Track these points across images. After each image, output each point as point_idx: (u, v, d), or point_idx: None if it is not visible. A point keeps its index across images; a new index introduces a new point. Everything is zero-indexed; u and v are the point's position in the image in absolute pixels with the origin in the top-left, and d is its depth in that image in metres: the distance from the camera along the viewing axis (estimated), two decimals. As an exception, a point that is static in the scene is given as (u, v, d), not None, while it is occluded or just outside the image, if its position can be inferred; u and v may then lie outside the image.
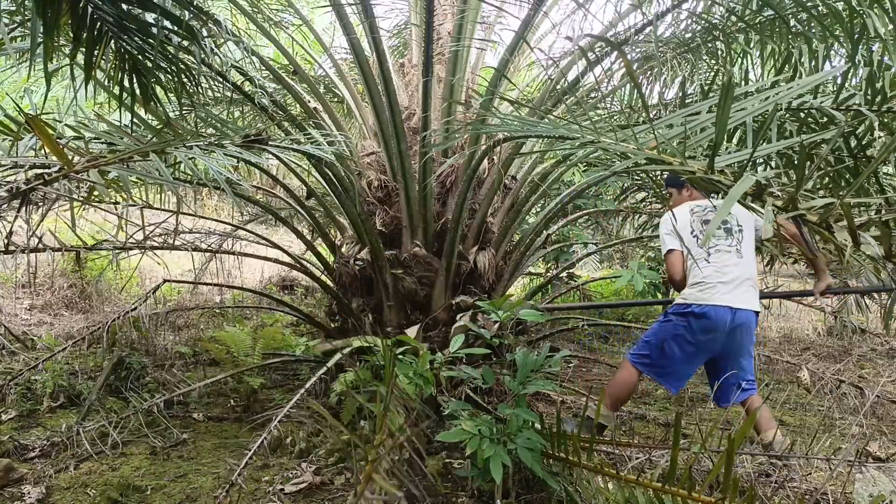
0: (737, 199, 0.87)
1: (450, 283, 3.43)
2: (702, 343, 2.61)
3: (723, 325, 2.55)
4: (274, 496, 2.16)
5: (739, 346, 2.64)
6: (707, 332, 2.57)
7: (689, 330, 2.61)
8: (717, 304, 2.55)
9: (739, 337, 2.61)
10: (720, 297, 2.56)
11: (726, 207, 0.85)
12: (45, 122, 1.58)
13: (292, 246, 6.31)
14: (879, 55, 2.83)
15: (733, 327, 2.56)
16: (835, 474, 2.26)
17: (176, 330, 4.50)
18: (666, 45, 3.32)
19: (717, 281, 2.58)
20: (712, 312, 2.55)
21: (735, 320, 2.56)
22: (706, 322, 2.56)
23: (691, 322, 2.60)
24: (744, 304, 2.58)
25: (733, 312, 2.55)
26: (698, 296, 2.60)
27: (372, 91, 3.16)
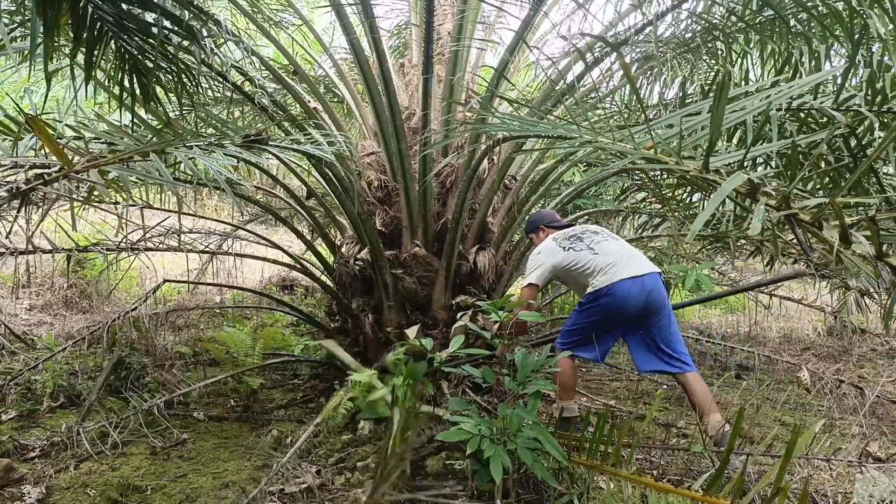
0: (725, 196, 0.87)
1: (450, 283, 3.43)
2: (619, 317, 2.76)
3: (634, 297, 2.69)
4: (274, 496, 2.16)
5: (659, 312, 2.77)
6: (621, 307, 2.71)
7: (603, 310, 2.75)
8: (623, 279, 2.71)
9: (656, 302, 2.74)
10: (622, 272, 2.73)
11: (714, 203, 0.84)
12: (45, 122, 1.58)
13: (292, 246, 6.31)
14: (879, 55, 2.83)
15: (647, 293, 2.71)
16: (835, 474, 2.26)
17: (176, 330, 4.50)
18: (666, 45, 3.32)
19: (612, 262, 2.76)
20: (620, 287, 2.70)
21: (646, 286, 2.71)
22: (619, 298, 2.70)
23: (603, 302, 2.74)
24: (645, 269, 2.76)
25: (641, 281, 2.71)
26: (603, 279, 2.75)
27: (372, 91, 3.16)
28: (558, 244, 2.95)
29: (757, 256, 4.04)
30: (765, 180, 0.84)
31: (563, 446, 2.07)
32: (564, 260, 2.86)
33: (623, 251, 2.84)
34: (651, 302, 2.73)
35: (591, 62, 3.53)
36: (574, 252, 2.87)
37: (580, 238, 2.94)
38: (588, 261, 2.81)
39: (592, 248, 2.86)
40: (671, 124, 1.36)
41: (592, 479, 2.11)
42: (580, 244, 2.90)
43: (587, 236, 2.94)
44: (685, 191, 4.09)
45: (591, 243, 2.89)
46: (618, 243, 2.91)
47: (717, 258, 5.18)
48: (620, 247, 2.88)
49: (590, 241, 2.90)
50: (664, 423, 3.25)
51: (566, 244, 2.93)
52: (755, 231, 0.67)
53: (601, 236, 2.95)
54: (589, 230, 3.00)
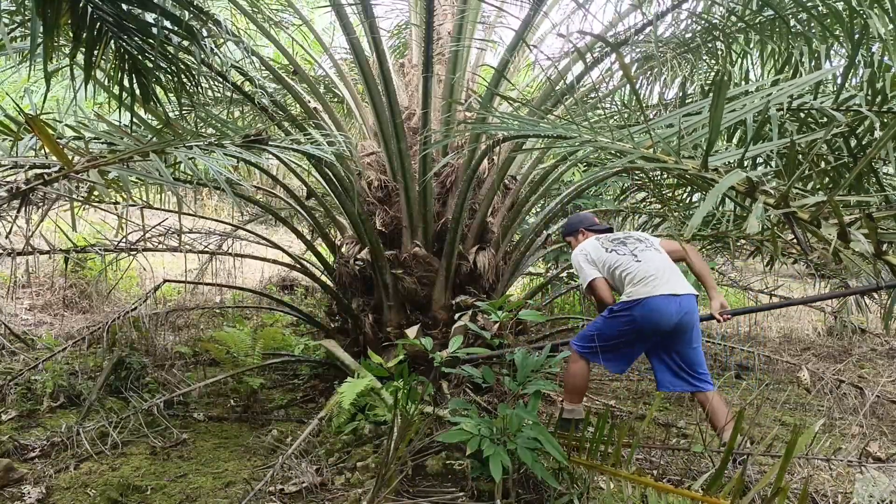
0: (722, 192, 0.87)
1: (450, 283, 3.43)
2: (649, 333, 2.69)
3: (669, 314, 2.63)
4: (274, 496, 2.16)
5: (689, 334, 2.72)
6: (654, 322, 2.64)
7: (634, 321, 2.68)
8: (661, 294, 2.64)
9: (689, 324, 2.69)
10: (662, 287, 2.65)
11: (710, 199, 0.84)
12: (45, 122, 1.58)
13: (292, 246, 6.31)
14: (879, 55, 2.83)
15: (682, 314, 2.64)
16: (835, 474, 2.26)
17: (176, 330, 4.50)
18: (666, 46, 3.32)
19: (653, 275, 2.69)
20: (656, 302, 2.63)
21: (682, 305, 2.65)
22: (650, 313, 2.64)
23: (637, 314, 2.67)
24: (685, 290, 2.69)
25: (678, 299, 2.65)
26: (641, 290, 2.68)
27: (372, 91, 3.16)
28: (601, 244, 2.87)
29: (757, 256, 4.04)
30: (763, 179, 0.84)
31: (563, 446, 2.07)
32: (607, 261, 2.79)
33: (665, 266, 2.75)
34: (684, 323, 2.65)
35: (590, 62, 3.53)
36: (617, 255, 2.79)
37: (624, 242, 2.86)
38: (630, 266, 2.73)
39: (636, 255, 2.77)
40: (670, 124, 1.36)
41: (592, 479, 2.11)
42: (624, 248, 2.82)
43: (631, 242, 2.86)
44: (685, 191, 4.09)
45: (634, 249, 2.80)
46: (661, 256, 2.80)
47: (716, 258, 5.18)
48: (663, 261, 2.78)
49: (633, 248, 2.81)
50: (664, 423, 3.25)
51: (609, 246, 2.85)
52: (753, 229, 0.67)
53: (645, 245, 2.85)
54: (633, 236, 2.92)
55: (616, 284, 2.80)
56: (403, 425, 2.03)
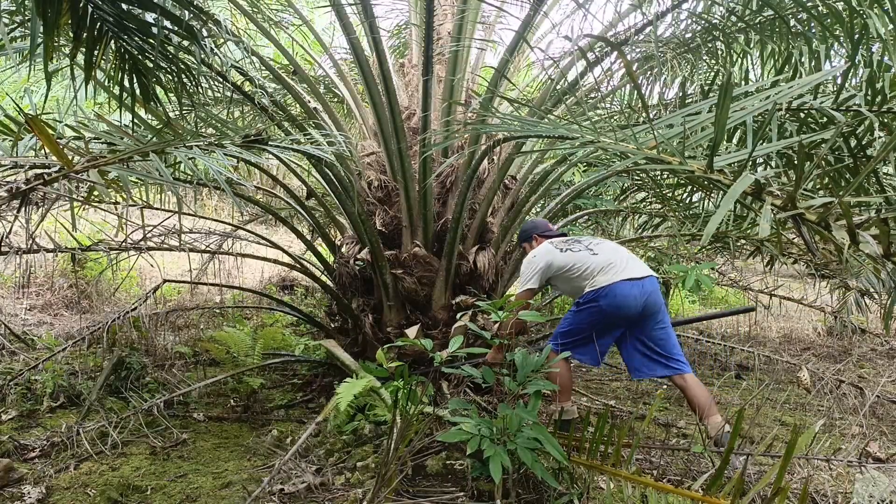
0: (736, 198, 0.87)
1: (450, 283, 3.43)
2: (617, 319, 2.75)
3: (634, 298, 2.68)
4: (274, 496, 2.16)
5: (656, 316, 2.78)
6: (619, 307, 2.69)
7: (601, 310, 2.73)
8: (622, 280, 2.70)
9: (654, 305, 2.74)
10: (622, 273, 2.72)
11: (726, 205, 0.84)
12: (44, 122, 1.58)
13: (292, 246, 6.31)
14: (879, 55, 2.83)
15: (646, 296, 2.71)
16: (835, 474, 2.26)
17: (176, 330, 4.50)
18: (666, 46, 3.32)
19: (611, 262, 2.76)
20: (619, 288, 2.69)
21: (645, 289, 2.71)
22: (615, 299, 2.69)
23: (602, 303, 2.72)
24: (645, 272, 2.75)
25: (640, 284, 2.71)
26: (602, 279, 2.74)
27: (372, 91, 3.16)
28: (555, 247, 2.95)
29: (757, 256, 4.05)
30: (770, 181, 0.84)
31: (563, 446, 2.07)
32: (562, 262, 2.85)
33: (621, 253, 2.84)
34: (649, 305, 2.73)
35: (591, 62, 3.53)
36: (572, 253, 2.86)
37: (578, 241, 2.96)
38: (586, 261, 2.81)
39: (591, 249, 2.86)
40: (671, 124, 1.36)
41: (592, 479, 2.11)
42: (578, 245, 2.91)
43: (584, 240, 2.97)
44: (685, 191, 4.09)
45: (589, 244, 2.90)
46: (615, 245, 2.92)
47: (716, 258, 5.18)
48: (619, 249, 2.88)
49: (588, 243, 2.92)
50: (664, 423, 3.25)
51: (563, 247, 2.93)
52: (764, 232, 0.67)
53: (598, 239, 2.97)
54: (584, 237, 3.04)
55: (575, 284, 2.85)
56: (403, 425, 2.03)
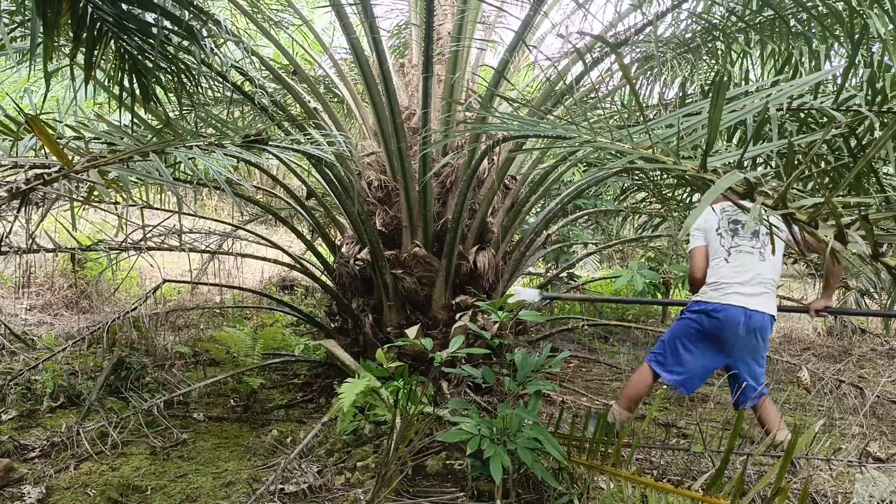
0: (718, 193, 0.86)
1: (450, 283, 3.42)
2: (713, 342, 2.60)
3: (735, 326, 2.52)
4: (274, 496, 2.16)
5: (752, 350, 2.61)
6: (719, 330, 2.55)
7: (700, 328, 2.60)
8: (731, 304, 2.53)
9: (753, 340, 2.58)
10: (734, 297, 2.54)
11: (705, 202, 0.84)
12: (44, 122, 1.58)
13: (292, 246, 6.31)
14: (879, 55, 2.83)
15: (747, 329, 2.54)
16: (835, 474, 2.26)
17: (176, 330, 4.49)
18: (666, 46, 3.32)
19: (734, 281, 2.57)
20: (724, 312, 2.54)
21: (749, 322, 2.53)
22: (718, 322, 2.55)
23: (703, 320, 2.59)
24: (758, 307, 2.55)
25: (747, 314, 2.52)
26: (712, 295, 2.60)
27: (372, 91, 3.16)
28: (719, 221, 2.71)
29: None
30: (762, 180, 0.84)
31: (563, 446, 2.07)
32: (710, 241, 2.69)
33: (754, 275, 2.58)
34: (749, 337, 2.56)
35: (590, 62, 3.53)
36: (718, 243, 2.67)
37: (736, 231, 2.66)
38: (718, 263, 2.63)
39: (729, 254, 2.64)
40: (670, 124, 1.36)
41: (592, 479, 2.11)
42: (727, 240, 2.66)
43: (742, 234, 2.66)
44: (685, 191, 4.09)
45: (732, 247, 2.64)
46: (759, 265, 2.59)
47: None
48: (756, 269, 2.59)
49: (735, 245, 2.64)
50: (664, 423, 3.25)
51: (723, 227, 2.70)
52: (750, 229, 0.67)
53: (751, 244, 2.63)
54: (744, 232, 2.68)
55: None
56: (403, 425, 2.03)
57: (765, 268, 2.61)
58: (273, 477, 2.21)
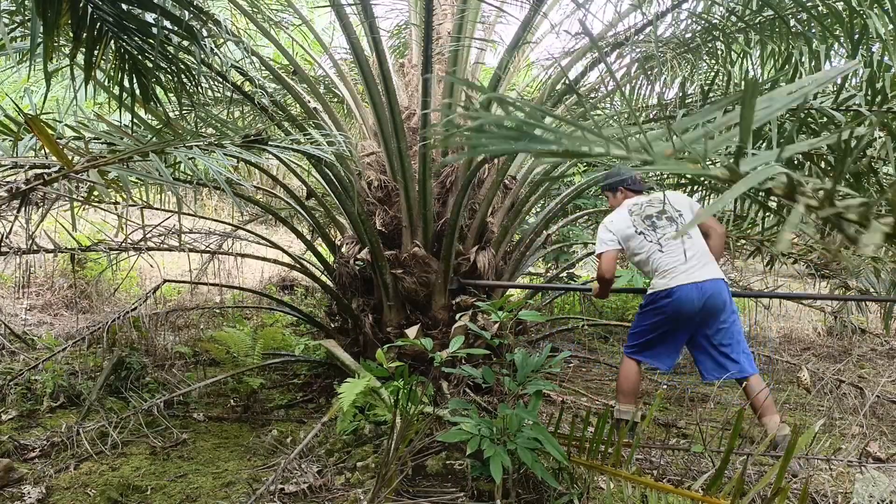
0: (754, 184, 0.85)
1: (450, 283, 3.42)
2: (678, 322, 2.74)
3: (693, 301, 2.67)
4: (274, 496, 2.16)
5: (717, 317, 2.75)
6: (678, 310, 2.69)
7: (662, 313, 2.74)
8: (681, 284, 2.68)
9: (714, 307, 2.71)
10: (682, 276, 2.70)
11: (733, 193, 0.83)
12: (44, 122, 1.58)
13: (292, 246, 6.31)
14: (879, 55, 2.83)
15: (705, 299, 2.68)
16: (835, 474, 2.26)
17: (176, 330, 4.50)
18: (666, 46, 3.32)
19: (676, 264, 2.73)
20: (677, 292, 2.68)
21: (704, 292, 2.68)
22: (674, 301, 2.69)
23: (663, 305, 2.73)
24: (707, 276, 2.71)
25: (699, 287, 2.68)
26: (662, 282, 2.74)
27: (372, 91, 3.16)
28: (632, 221, 2.85)
29: (757, 256, 4.04)
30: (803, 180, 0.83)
31: (563, 446, 2.07)
32: (632, 244, 2.82)
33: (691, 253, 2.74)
34: (709, 307, 2.68)
35: (590, 62, 3.53)
36: (644, 241, 2.80)
37: (655, 225, 2.83)
38: (653, 256, 2.77)
39: (661, 245, 2.78)
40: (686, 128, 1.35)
41: (592, 479, 2.11)
42: (652, 234, 2.81)
43: (661, 225, 2.84)
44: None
45: (661, 238, 2.79)
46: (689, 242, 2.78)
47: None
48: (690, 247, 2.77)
49: (661, 235, 2.80)
50: (664, 423, 3.25)
51: (640, 226, 2.84)
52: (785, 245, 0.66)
53: (673, 229, 2.82)
54: (665, 215, 2.86)
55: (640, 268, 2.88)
56: (403, 425, 2.03)
57: (694, 243, 2.79)
58: (273, 477, 2.21)
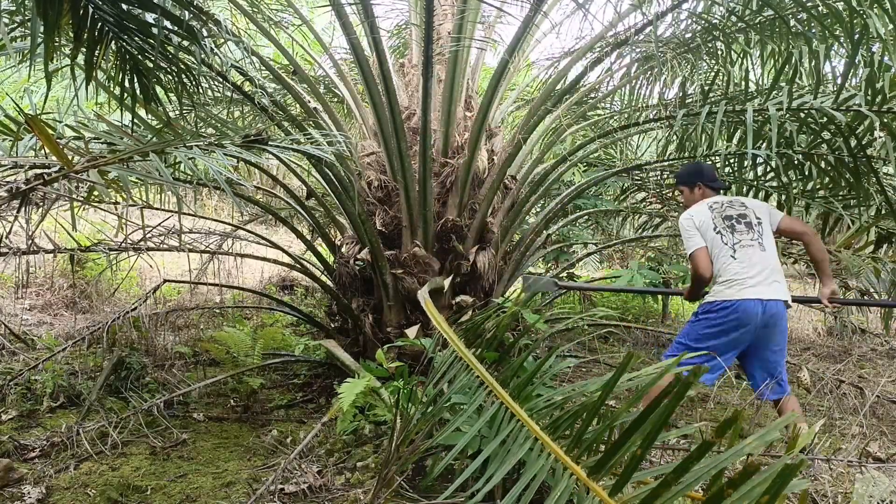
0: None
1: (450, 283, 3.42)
2: (733, 337, 2.62)
3: (754, 318, 2.56)
4: (274, 496, 2.16)
5: (771, 339, 2.65)
6: (738, 327, 2.58)
7: (718, 325, 2.61)
8: (747, 298, 2.56)
9: (772, 329, 2.61)
10: (748, 291, 2.57)
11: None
12: (44, 122, 1.58)
13: (292, 246, 6.31)
14: (879, 55, 2.83)
15: (765, 319, 2.57)
16: (835, 474, 2.26)
17: (176, 330, 4.49)
18: (666, 46, 3.32)
19: (745, 276, 2.59)
20: (742, 307, 2.56)
21: (766, 311, 2.57)
22: (736, 316, 2.57)
23: (721, 317, 2.61)
24: (773, 295, 2.59)
25: (763, 304, 2.56)
26: (727, 293, 2.61)
27: (372, 91, 3.16)
28: (712, 219, 2.71)
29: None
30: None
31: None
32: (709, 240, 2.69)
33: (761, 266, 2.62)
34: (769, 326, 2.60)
35: (590, 62, 3.53)
36: (721, 241, 2.67)
37: (733, 227, 2.69)
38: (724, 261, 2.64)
39: (734, 251, 2.64)
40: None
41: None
42: (729, 236, 2.67)
43: (739, 229, 2.69)
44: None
45: (737, 243, 2.66)
46: (761, 254, 2.65)
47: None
48: (761, 259, 2.64)
49: (738, 239, 2.66)
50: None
51: (719, 224, 2.70)
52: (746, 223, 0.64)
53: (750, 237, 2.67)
54: (745, 220, 2.71)
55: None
56: (403, 425, 2.03)
57: (769, 257, 2.65)
58: (273, 477, 2.21)
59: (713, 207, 2.75)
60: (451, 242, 3.45)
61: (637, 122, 3.51)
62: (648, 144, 5.53)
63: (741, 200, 2.82)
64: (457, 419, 1.56)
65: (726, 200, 2.80)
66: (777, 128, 2.66)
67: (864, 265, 3.44)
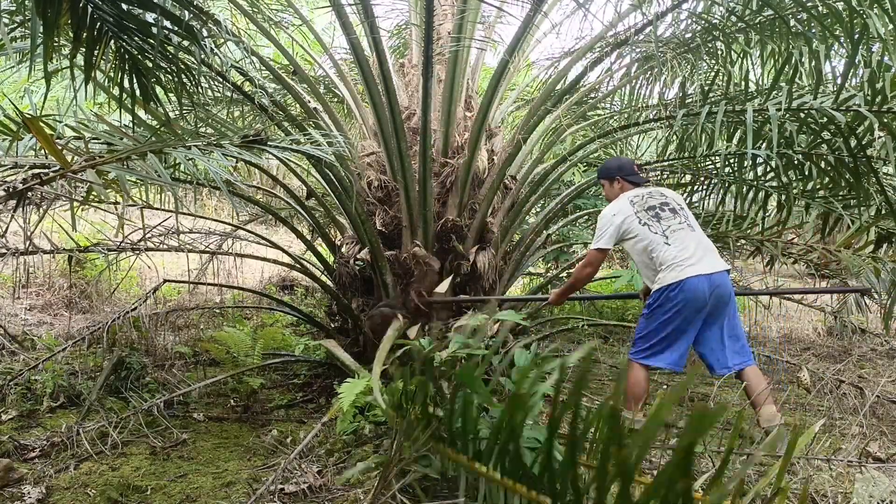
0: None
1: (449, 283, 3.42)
2: (685, 316, 2.68)
3: (703, 294, 2.63)
4: (274, 496, 2.16)
5: (724, 310, 2.73)
6: (688, 304, 2.64)
7: (672, 308, 2.67)
8: (690, 276, 2.63)
9: (721, 299, 2.69)
10: (690, 269, 2.65)
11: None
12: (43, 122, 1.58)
13: (292, 246, 6.31)
14: (879, 55, 2.83)
15: (714, 290, 2.65)
16: (835, 474, 2.26)
17: (176, 330, 4.49)
18: (666, 46, 3.32)
19: (683, 257, 2.68)
20: (688, 285, 2.63)
21: (712, 283, 2.65)
22: (684, 296, 2.63)
23: (671, 301, 2.66)
24: (714, 268, 2.68)
25: (709, 278, 2.64)
26: (670, 276, 2.67)
27: (372, 91, 3.16)
28: (635, 213, 2.79)
29: (757, 256, 4.04)
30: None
31: (563, 446, 2.07)
32: (637, 233, 2.76)
33: (697, 244, 2.72)
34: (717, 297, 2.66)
35: (590, 62, 3.53)
36: (649, 232, 2.74)
37: (658, 216, 2.78)
38: (659, 249, 2.70)
39: (667, 237, 2.72)
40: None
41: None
42: (656, 225, 2.75)
43: (665, 216, 2.79)
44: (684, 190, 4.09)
45: (666, 229, 2.74)
46: (693, 234, 2.76)
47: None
48: (694, 239, 2.74)
49: (665, 227, 2.75)
50: (664, 423, 3.24)
51: (643, 217, 2.78)
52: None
53: (678, 221, 2.77)
54: (668, 207, 2.82)
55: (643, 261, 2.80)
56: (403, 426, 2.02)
57: (700, 235, 2.77)
58: (273, 477, 2.21)
59: (634, 202, 2.84)
60: (451, 242, 3.45)
61: (637, 122, 3.51)
62: (648, 145, 5.53)
63: (660, 190, 2.92)
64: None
65: (646, 192, 2.90)
66: (777, 128, 2.66)
67: (864, 265, 3.44)
